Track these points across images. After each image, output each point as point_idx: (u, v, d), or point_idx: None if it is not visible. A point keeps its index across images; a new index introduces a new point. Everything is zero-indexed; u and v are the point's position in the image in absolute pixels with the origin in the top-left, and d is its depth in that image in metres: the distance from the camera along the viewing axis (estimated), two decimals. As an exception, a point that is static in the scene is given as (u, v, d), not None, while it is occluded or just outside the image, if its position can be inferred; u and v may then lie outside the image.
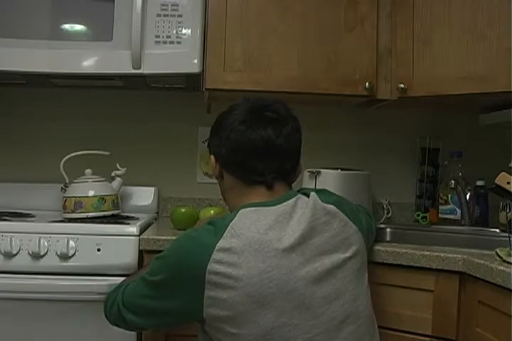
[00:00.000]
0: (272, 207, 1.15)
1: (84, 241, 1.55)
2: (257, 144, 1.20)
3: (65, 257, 1.54)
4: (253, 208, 1.15)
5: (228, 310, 1.06)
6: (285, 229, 1.12)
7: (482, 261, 1.28)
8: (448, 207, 2.05)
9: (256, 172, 1.21)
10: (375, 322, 1.23)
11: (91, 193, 1.83)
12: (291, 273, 1.08)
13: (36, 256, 1.54)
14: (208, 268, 1.06)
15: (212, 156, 1.28)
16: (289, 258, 1.09)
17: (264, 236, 1.09)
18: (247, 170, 1.22)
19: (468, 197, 1.99)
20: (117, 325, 1.27)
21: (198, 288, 1.08)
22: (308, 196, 1.21)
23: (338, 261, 1.15)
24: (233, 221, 1.11)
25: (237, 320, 1.07)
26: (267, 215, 1.13)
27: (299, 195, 1.20)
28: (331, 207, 1.20)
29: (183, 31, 1.79)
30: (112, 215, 1.84)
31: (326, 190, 1.30)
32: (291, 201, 1.17)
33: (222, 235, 1.09)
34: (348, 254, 1.17)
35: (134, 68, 1.75)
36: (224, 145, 1.23)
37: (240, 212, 1.14)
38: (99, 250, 1.55)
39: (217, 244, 1.08)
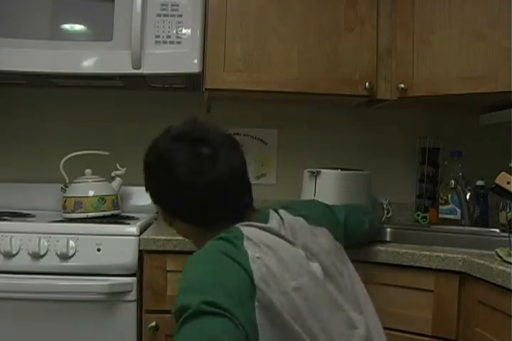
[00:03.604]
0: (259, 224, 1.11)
1: (84, 241, 1.55)
2: (213, 189, 1.09)
3: (65, 257, 1.54)
4: (246, 222, 1.09)
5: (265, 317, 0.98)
6: (283, 241, 1.09)
7: (482, 261, 1.28)
8: (448, 207, 2.05)
9: (221, 214, 1.12)
10: None
11: (91, 193, 1.83)
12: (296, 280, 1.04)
13: (36, 256, 1.54)
14: (255, 274, 0.97)
15: (161, 209, 1.18)
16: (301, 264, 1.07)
17: (278, 245, 1.06)
18: (211, 218, 1.13)
19: (468, 197, 1.99)
20: None
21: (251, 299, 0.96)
22: (276, 211, 1.18)
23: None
24: (243, 232, 1.04)
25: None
26: (261, 229, 1.09)
27: (269, 211, 1.17)
28: (299, 218, 1.17)
29: (183, 31, 1.79)
30: (112, 215, 1.84)
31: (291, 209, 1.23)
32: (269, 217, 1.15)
33: (243, 245, 1.01)
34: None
35: (134, 68, 1.75)
36: (176, 200, 1.13)
37: (236, 226, 1.07)
38: (99, 250, 1.55)
39: (247, 252, 1.00)
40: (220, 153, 1.11)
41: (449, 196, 2.04)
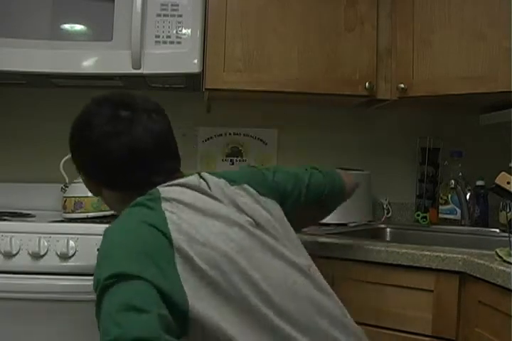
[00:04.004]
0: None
1: (84, 241, 1.55)
2: (135, 152, 1.08)
3: (65, 257, 1.54)
4: (166, 183, 1.06)
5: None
6: (204, 196, 1.06)
7: (482, 261, 1.28)
8: (448, 207, 2.05)
9: (142, 179, 1.09)
10: None
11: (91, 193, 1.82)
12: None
13: (36, 256, 1.53)
14: (173, 235, 0.94)
15: (84, 176, 1.17)
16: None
17: (199, 201, 1.04)
18: (132, 183, 1.10)
19: (468, 197, 2.00)
20: None
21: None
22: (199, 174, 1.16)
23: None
24: (160, 194, 1.02)
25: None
26: (179, 185, 1.07)
27: (193, 173, 1.16)
28: (222, 179, 1.14)
29: (183, 31, 1.79)
30: (112, 215, 1.83)
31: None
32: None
33: (160, 206, 0.99)
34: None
35: (134, 68, 1.75)
36: (95, 163, 1.12)
37: (156, 188, 1.05)
38: (99, 250, 1.54)
39: (165, 213, 0.97)
40: (140, 117, 1.10)
41: (449, 196, 2.04)
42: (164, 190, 1.04)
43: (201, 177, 1.13)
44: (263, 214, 1.09)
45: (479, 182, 2.05)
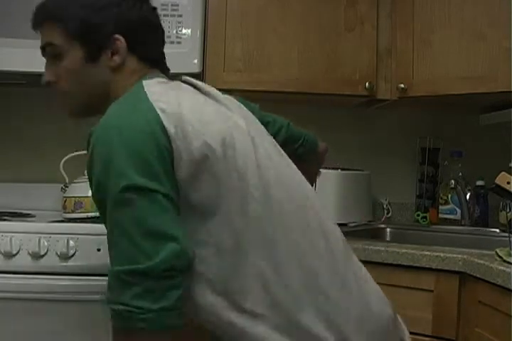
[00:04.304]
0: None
1: (84, 241, 1.55)
2: (155, 22, 1.08)
3: (65, 257, 1.54)
4: (154, 80, 1.00)
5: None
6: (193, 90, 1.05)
7: (482, 261, 1.28)
8: (448, 207, 2.05)
9: (159, 53, 1.08)
10: None
11: (91, 193, 1.82)
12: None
13: (36, 256, 1.53)
14: (169, 130, 0.88)
15: (119, 36, 1.02)
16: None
17: (187, 94, 1.01)
18: (154, 56, 1.07)
19: (468, 197, 2.00)
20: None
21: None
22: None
23: None
24: (144, 86, 0.96)
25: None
26: (169, 82, 1.04)
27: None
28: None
29: (183, 31, 1.79)
30: (112, 215, 1.84)
31: None
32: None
33: (147, 96, 0.93)
34: None
35: (134, 68, 1.75)
36: (134, 21, 1.04)
37: (141, 83, 0.98)
38: (99, 250, 1.54)
39: (154, 103, 0.91)
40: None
41: (449, 196, 2.05)
42: (148, 84, 0.98)
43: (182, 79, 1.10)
44: (254, 121, 1.07)
45: (479, 182, 2.05)
